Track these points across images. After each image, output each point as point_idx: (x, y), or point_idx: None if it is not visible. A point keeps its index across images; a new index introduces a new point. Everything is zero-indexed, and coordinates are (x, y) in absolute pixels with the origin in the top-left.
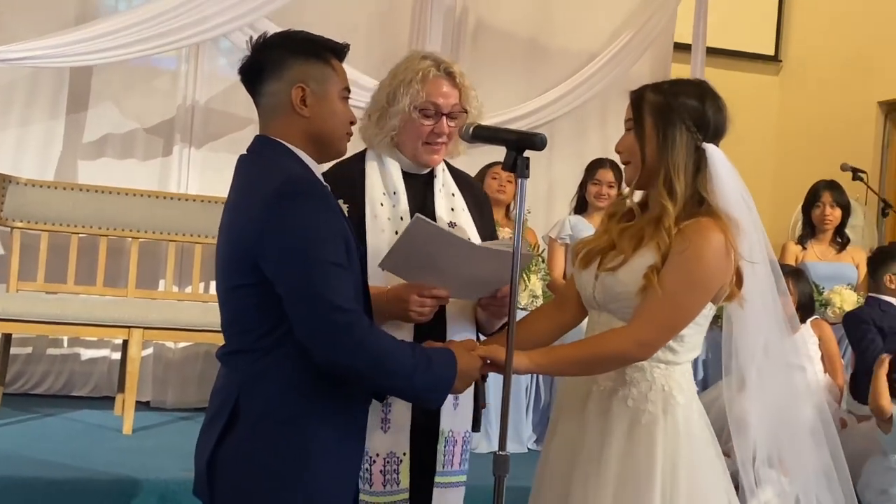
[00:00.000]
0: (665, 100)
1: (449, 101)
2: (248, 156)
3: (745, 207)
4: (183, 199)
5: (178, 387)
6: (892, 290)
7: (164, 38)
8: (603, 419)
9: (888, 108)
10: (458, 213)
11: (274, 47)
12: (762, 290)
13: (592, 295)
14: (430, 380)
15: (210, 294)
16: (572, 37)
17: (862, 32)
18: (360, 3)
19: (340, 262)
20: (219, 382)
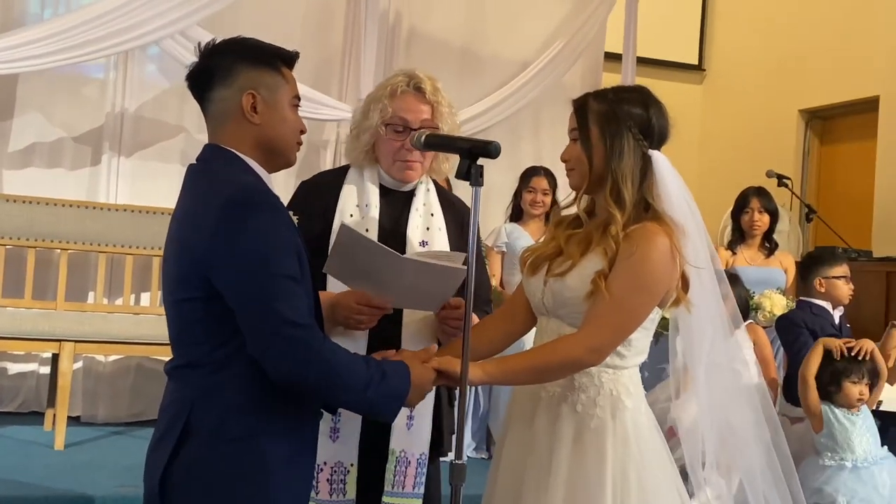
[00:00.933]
0: (610, 108)
1: (418, 116)
2: (197, 165)
3: (689, 213)
4: (113, 209)
5: (109, 401)
6: (822, 293)
7: (93, 46)
8: (552, 425)
9: (809, 116)
10: (434, 232)
11: (224, 53)
12: (707, 294)
13: (542, 301)
14: (384, 393)
15: (141, 306)
16: (505, 45)
17: (783, 43)
18: (293, 11)
19: (293, 274)
20: (167, 398)
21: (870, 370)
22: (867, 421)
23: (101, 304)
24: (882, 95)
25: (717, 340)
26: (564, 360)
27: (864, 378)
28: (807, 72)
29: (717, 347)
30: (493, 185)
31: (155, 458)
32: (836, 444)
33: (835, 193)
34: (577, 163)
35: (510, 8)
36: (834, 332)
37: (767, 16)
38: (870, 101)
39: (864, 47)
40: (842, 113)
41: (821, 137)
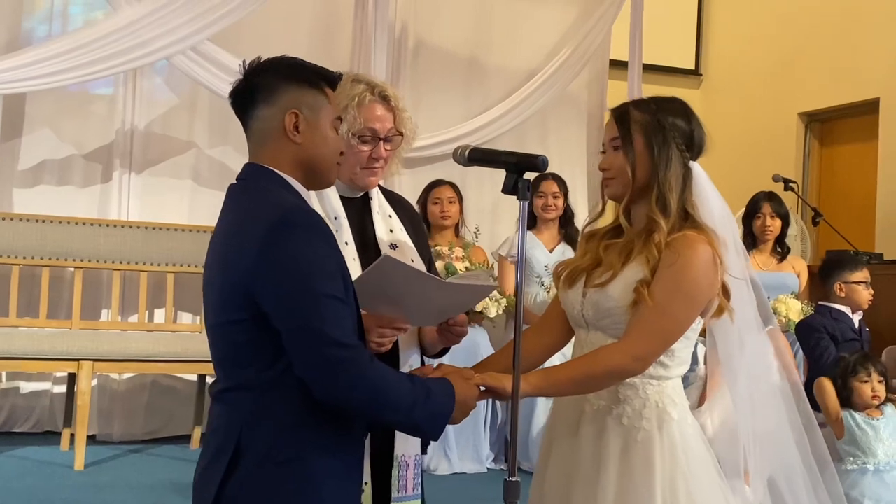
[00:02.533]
0: (655, 118)
1: (385, 125)
2: (239, 184)
3: (727, 223)
4: (125, 225)
5: (125, 419)
6: (842, 298)
7: (104, 63)
8: (598, 439)
9: (809, 118)
10: (398, 233)
11: (267, 72)
12: (744, 304)
13: (581, 313)
14: (430, 412)
15: (156, 323)
16: (511, 55)
17: (780, 46)
18: (301, 25)
19: (340, 295)
20: (215, 421)
21: (878, 366)
22: (890, 426)
23: (116, 321)
24: (882, 97)
25: (755, 349)
26: (609, 369)
27: (874, 375)
28: (805, 74)
29: (755, 356)
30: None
31: (206, 481)
32: (857, 449)
33: (836, 196)
34: (619, 172)
35: (516, 18)
36: (854, 337)
37: (763, 19)
38: (870, 103)
39: (862, 49)
40: (841, 115)
41: (821, 140)
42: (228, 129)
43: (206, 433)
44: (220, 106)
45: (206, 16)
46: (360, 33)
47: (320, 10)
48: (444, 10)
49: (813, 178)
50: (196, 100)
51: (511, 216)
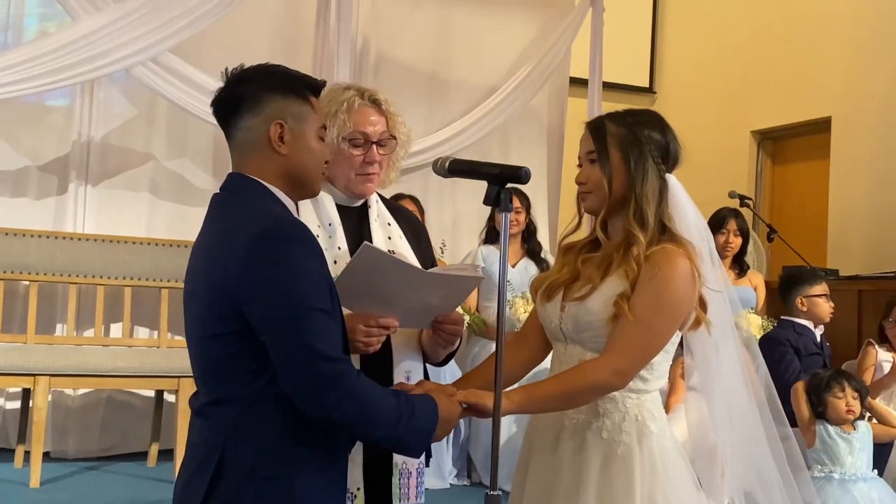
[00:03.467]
0: (630, 131)
1: (377, 129)
2: (223, 194)
3: (703, 236)
4: (82, 238)
5: (79, 435)
6: (804, 312)
7: (62, 73)
8: (578, 453)
9: (761, 136)
10: (396, 241)
11: (252, 81)
12: (722, 317)
13: (559, 327)
14: (414, 429)
15: (112, 337)
16: (472, 70)
17: (733, 65)
18: (262, 38)
19: (327, 308)
20: (196, 436)
21: (852, 382)
22: (863, 441)
23: (72, 336)
24: (834, 116)
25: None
26: (591, 384)
27: (848, 390)
28: (757, 93)
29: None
30: (461, 210)
31: (188, 496)
32: (826, 457)
33: (788, 213)
34: (596, 185)
35: (477, 33)
36: (816, 351)
37: (716, 38)
38: (822, 121)
39: (814, 69)
40: (793, 134)
41: (773, 158)
42: (187, 141)
43: (186, 448)
44: (178, 118)
45: (166, 27)
46: (321, 47)
47: (282, 23)
48: (406, 24)
49: (766, 196)
50: (154, 112)
51: (472, 230)
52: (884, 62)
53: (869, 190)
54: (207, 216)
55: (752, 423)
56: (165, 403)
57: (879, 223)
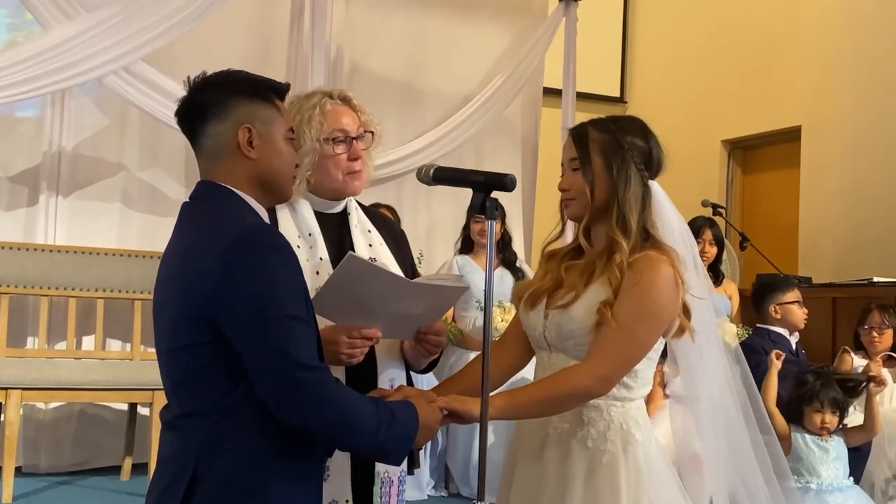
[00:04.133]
0: (613, 137)
1: (354, 125)
2: (193, 203)
3: (685, 243)
4: (54, 250)
5: (51, 450)
6: (778, 319)
7: (34, 83)
8: (562, 462)
9: (731, 146)
10: (377, 247)
11: (217, 87)
12: (705, 324)
13: (542, 335)
14: (394, 436)
15: (85, 350)
16: (446, 80)
17: (703, 74)
18: (235, 46)
19: (303, 316)
20: (167, 449)
21: (833, 399)
22: (838, 450)
23: (44, 349)
24: (804, 125)
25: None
26: (573, 390)
27: (827, 407)
28: (727, 103)
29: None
30: (436, 220)
31: None
32: (802, 467)
33: (759, 221)
34: (579, 192)
35: (450, 43)
36: (792, 359)
37: (685, 48)
38: (792, 130)
39: (784, 78)
40: (764, 143)
41: (743, 167)
42: (159, 151)
43: (158, 461)
44: (150, 128)
45: (138, 36)
46: (294, 56)
47: (255, 32)
48: (380, 34)
49: (736, 204)
50: (126, 121)
51: (447, 240)
52: (852, 72)
53: (839, 198)
54: (178, 225)
55: (737, 431)
56: (139, 417)
57: (850, 231)
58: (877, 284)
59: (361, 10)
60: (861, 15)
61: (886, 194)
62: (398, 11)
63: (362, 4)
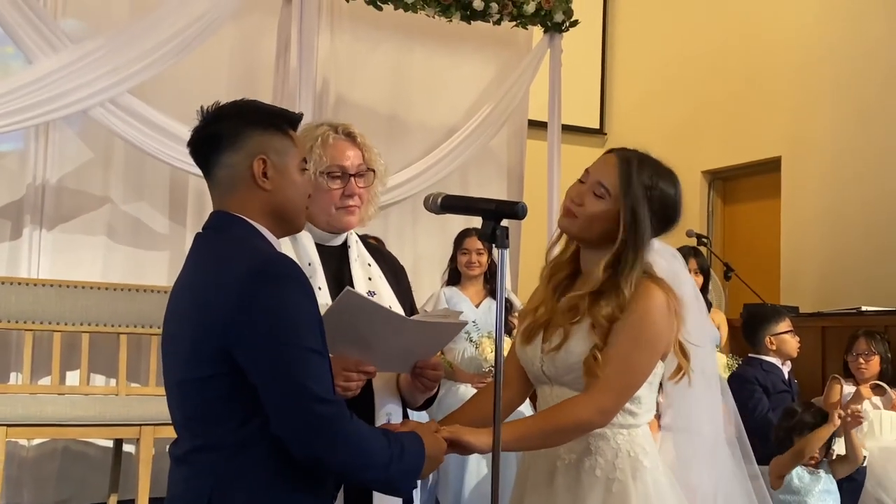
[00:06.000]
0: (656, 195)
1: (354, 161)
2: (207, 233)
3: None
4: (38, 284)
5: (35, 487)
6: (773, 350)
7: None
8: (572, 493)
9: (712, 176)
10: (376, 281)
11: (231, 118)
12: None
13: (541, 370)
14: (404, 469)
15: (69, 385)
16: (431, 112)
17: (680, 106)
18: (220, 77)
19: (318, 349)
20: (179, 485)
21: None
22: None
23: (27, 384)
24: (784, 156)
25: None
26: (575, 422)
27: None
28: (706, 134)
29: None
30: (423, 252)
31: None
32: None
33: (740, 252)
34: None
35: (435, 75)
36: (785, 389)
37: (664, 80)
38: (771, 161)
39: (763, 109)
40: (744, 174)
41: (723, 197)
42: (144, 184)
43: (168, 497)
44: (135, 160)
45: (125, 68)
46: (281, 89)
47: (240, 64)
48: (365, 66)
49: (717, 234)
50: (111, 154)
51: (433, 272)
52: (831, 102)
53: (820, 227)
54: (190, 255)
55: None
56: (124, 453)
57: (831, 260)
58: (865, 313)
59: (346, 43)
60: (839, 45)
61: (867, 223)
62: (383, 43)
63: (347, 37)
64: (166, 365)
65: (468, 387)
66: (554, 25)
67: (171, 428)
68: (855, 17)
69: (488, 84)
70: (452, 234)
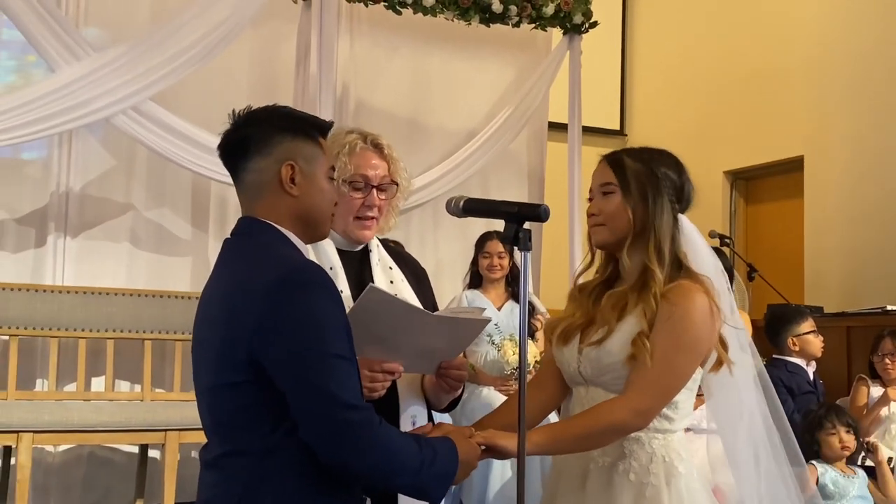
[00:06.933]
0: (649, 168)
1: (378, 172)
2: (236, 239)
3: (718, 273)
4: (63, 291)
5: (61, 494)
6: (796, 351)
7: (42, 124)
8: (605, 496)
9: (734, 176)
10: (398, 284)
11: (261, 123)
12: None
13: (577, 370)
14: (436, 474)
15: (94, 391)
16: (450, 116)
17: (701, 106)
18: (241, 83)
19: (348, 355)
20: (209, 490)
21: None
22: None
23: (53, 391)
24: (806, 155)
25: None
26: (612, 424)
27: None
28: (728, 133)
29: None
30: (444, 256)
31: None
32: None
33: (763, 252)
34: (611, 218)
35: (454, 79)
36: (810, 390)
37: (685, 79)
38: (794, 160)
39: (785, 108)
40: (766, 173)
41: (746, 197)
42: (166, 190)
43: (198, 502)
44: (157, 167)
45: (146, 76)
46: (301, 94)
47: (261, 70)
48: (384, 71)
49: (740, 235)
50: (133, 161)
51: (454, 276)
52: (853, 100)
53: (844, 227)
54: (219, 261)
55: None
56: (149, 459)
57: (855, 259)
58: (891, 313)
59: (365, 48)
60: (860, 43)
61: (892, 222)
62: (402, 48)
63: (366, 42)
64: (196, 370)
65: (491, 390)
66: (573, 27)
67: (197, 433)
68: (875, 16)
69: (508, 86)
70: (473, 239)
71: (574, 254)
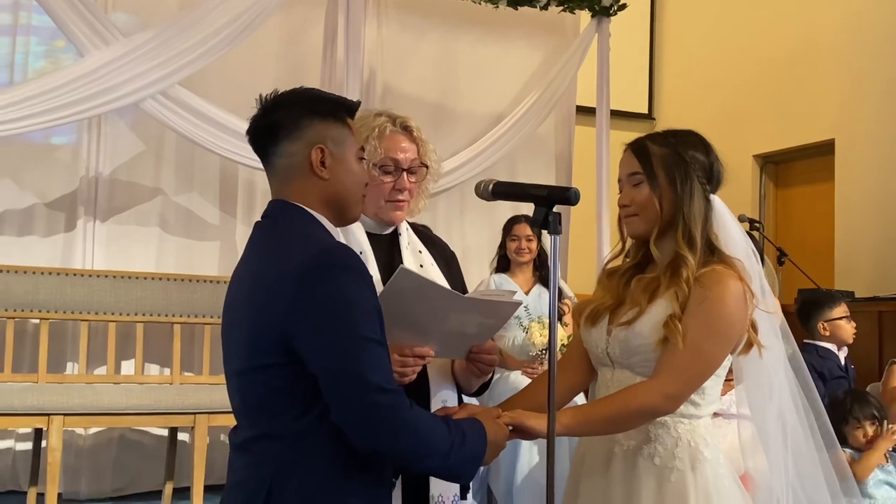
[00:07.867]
0: (675, 152)
1: (408, 156)
2: (266, 222)
3: (750, 256)
4: (93, 275)
5: (92, 476)
6: (827, 336)
7: (72, 108)
8: (629, 479)
9: (763, 160)
10: (428, 268)
11: (289, 106)
12: (771, 338)
13: (605, 352)
14: (465, 456)
15: (124, 375)
16: (478, 100)
17: (730, 89)
18: (269, 68)
19: (379, 338)
20: (239, 472)
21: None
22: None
23: (83, 374)
24: (837, 138)
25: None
26: (641, 407)
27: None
28: (757, 117)
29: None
30: (471, 241)
31: None
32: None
33: (793, 236)
34: (642, 208)
35: (481, 63)
36: (841, 374)
37: (713, 63)
38: (825, 144)
39: (815, 91)
40: (796, 157)
41: (776, 181)
42: (195, 175)
43: (228, 485)
44: (186, 151)
45: (175, 60)
46: (328, 79)
47: (288, 54)
48: (411, 55)
49: (769, 219)
50: (162, 146)
51: (481, 260)
52: (884, 82)
53: (875, 211)
54: (249, 244)
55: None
56: (179, 441)
57: (887, 244)
58: None
59: (392, 32)
60: (892, 24)
61: None
62: (429, 32)
63: (393, 26)
64: (226, 353)
65: (519, 374)
66: (602, 10)
67: (226, 416)
68: None
69: (535, 70)
70: (500, 223)
71: (602, 239)
